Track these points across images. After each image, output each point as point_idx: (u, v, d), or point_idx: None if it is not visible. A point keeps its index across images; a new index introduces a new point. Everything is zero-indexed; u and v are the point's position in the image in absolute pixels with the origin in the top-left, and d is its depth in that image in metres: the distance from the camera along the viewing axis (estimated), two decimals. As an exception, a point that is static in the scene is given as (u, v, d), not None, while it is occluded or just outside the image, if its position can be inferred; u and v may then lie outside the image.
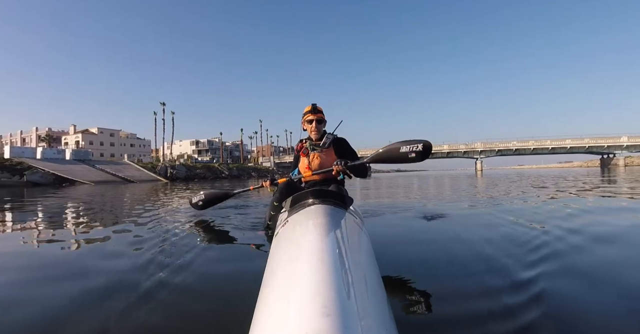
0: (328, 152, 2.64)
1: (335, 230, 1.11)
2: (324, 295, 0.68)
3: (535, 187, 9.12)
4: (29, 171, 28.50)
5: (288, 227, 1.32)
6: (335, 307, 0.65)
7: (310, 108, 2.63)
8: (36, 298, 1.58)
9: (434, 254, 2.28)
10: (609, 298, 1.48)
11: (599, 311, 1.34)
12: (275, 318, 0.68)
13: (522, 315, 1.29)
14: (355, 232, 1.32)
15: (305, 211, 1.39)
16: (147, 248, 2.43)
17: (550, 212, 4.02)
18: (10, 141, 63.13)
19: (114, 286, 1.68)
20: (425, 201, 6.09)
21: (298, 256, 0.92)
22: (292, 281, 0.79)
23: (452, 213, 4.20)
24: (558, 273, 1.80)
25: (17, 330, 1.26)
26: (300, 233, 1.13)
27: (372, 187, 11.10)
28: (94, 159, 41.32)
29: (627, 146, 52.99)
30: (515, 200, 5.79)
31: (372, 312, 0.73)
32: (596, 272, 1.83)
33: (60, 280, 1.83)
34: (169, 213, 4.68)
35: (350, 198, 1.68)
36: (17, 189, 18.74)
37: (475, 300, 1.45)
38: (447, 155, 60.76)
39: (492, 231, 2.95)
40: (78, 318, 1.34)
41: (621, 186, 8.58)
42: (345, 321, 0.61)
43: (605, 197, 5.91)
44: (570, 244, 2.37)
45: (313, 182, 2.68)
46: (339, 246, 0.97)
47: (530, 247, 2.31)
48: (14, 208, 6.50)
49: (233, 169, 52.84)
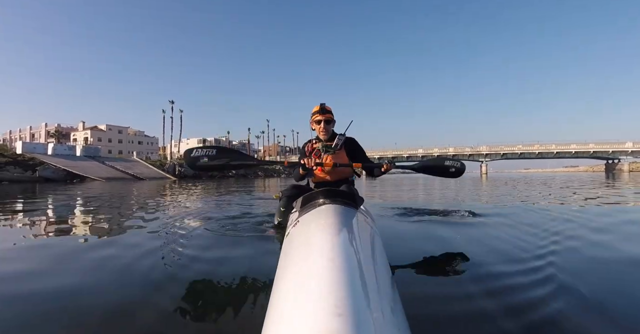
0: (340, 154, 2.61)
1: (346, 230, 1.13)
2: (335, 295, 0.69)
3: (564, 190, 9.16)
4: (41, 166, 29.13)
5: (299, 227, 1.33)
6: (347, 306, 0.65)
7: (318, 108, 2.59)
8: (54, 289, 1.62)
9: (450, 253, 2.26)
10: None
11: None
12: (287, 317, 0.69)
13: (531, 312, 1.31)
14: (367, 231, 1.33)
15: (316, 210, 1.41)
16: (155, 248, 2.44)
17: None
18: (20, 136, 63.98)
19: (127, 283, 1.72)
20: (443, 200, 6.20)
21: (309, 255, 0.93)
22: (303, 281, 0.80)
23: (467, 214, 4.17)
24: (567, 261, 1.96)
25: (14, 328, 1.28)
26: (311, 233, 1.14)
27: (388, 189, 11.23)
28: (103, 156, 42.06)
29: (631, 151, 53.09)
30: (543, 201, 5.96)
31: (385, 311, 0.74)
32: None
33: (62, 277, 1.85)
34: (178, 213, 4.71)
35: (361, 198, 1.71)
36: (29, 185, 19.11)
37: (491, 299, 1.43)
38: (453, 158, 60.85)
39: (512, 232, 2.97)
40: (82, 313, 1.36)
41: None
42: (357, 320, 0.62)
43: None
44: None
45: (324, 183, 2.67)
46: (350, 245, 0.99)
47: (545, 250, 2.29)
48: (38, 204, 6.66)
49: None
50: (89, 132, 59.29)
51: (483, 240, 2.68)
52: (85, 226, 3.77)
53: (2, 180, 23.36)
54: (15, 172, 26.94)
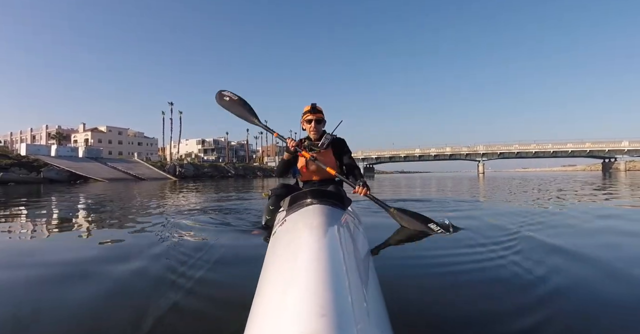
0: (326, 153, 2.63)
1: (333, 230, 1.13)
2: (320, 295, 0.69)
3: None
4: (45, 167, 29.56)
5: (285, 226, 1.33)
6: (331, 307, 0.65)
7: (309, 108, 2.63)
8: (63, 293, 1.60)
9: (433, 254, 2.23)
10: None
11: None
12: (271, 317, 0.69)
13: (520, 319, 1.26)
14: (353, 232, 1.34)
15: (304, 210, 1.41)
16: (143, 249, 2.40)
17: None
18: (20, 138, 64.22)
19: (106, 288, 1.67)
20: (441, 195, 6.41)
21: (295, 255, 0.92)
22: (288, 281, 0.79)
23: (463, 216, 4.10)
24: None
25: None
26: (297, 233, 1.13)
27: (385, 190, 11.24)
28: (104, 157, 42.52)
29: (628, 150, 53.66)
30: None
31: (369, 313, 0.74)
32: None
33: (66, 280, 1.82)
34: (171, 212, 4.75)
35: (349, 199, 1.72)
36: (34, 186, 19.42)
37: (476, 301, 1.42)
38: (450, 157, 61.60)
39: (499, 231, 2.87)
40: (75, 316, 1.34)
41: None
42: (341, 321, 0.62)
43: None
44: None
45: (312, 182, 2.69)
46: (336, 246, 0.99)
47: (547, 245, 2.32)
48: (47, 205, 6.73)
49: (239, 168, 53.91)
50: (89, 134, 59.59)
51: (472, 238, 2.58)
52: (94, 225, 3.86)
53: (9, 181, 23.75)
54: (20, 173, 27.33)
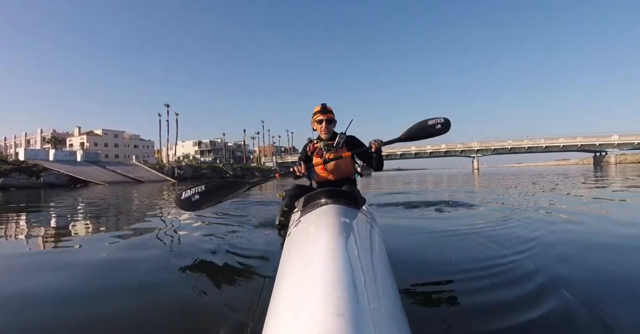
0: (342, 152, 2.63)
1: (348, 230, 1.13)
2: (336, 295, 0.69)
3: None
4: (44, 172, 29.68)
5: (300, 227, 1.33)
6: (347, 307, 0.65)
7: (319, 108, 2.62)
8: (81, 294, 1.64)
9: (451, 252, 2.20)
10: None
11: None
12: (288, 318, 0.69)
13: (518, 315, 1.26)
14: (368, 232, 1.34)
15: (318, 210, 1.41)
16: (154, 249, 2.49)
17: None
18: (15, 142, 63.81)
19: (128, 285, 1.74)
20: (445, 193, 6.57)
21: (310, 256, 0.93)
22: (304, 281, 0.80)
23: (470, 210, 4.15)
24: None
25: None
26: (312, 233, 1.14)
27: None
28: (103, 161, 42.62)
29: (618, 144, 54.74)
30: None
31: (385, 312, 0.74)
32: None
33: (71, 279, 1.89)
34: (178, 214, 4.73)
35: (363, 198, 1.71)
36: (35, 191, 19.57)
37: (494, 300, 1.40)
38: (445, 154, 62.37)
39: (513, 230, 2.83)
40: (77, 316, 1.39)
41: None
42: (358, 321, 0.62)
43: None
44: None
45: (327, 183, 2.69)
46: (352, 246, 0.99)
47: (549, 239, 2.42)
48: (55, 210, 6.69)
49: (237, 169, 54.19)
50: (85, 137, 59.19)
51: (488, 238, 2.52)
52: (103, 227, 3.93)
53: (10, 186, 23.91)
54: (20, 178, 27.44)
